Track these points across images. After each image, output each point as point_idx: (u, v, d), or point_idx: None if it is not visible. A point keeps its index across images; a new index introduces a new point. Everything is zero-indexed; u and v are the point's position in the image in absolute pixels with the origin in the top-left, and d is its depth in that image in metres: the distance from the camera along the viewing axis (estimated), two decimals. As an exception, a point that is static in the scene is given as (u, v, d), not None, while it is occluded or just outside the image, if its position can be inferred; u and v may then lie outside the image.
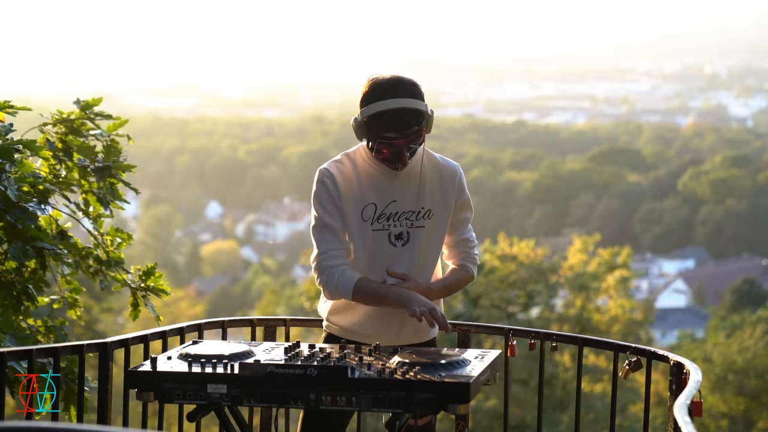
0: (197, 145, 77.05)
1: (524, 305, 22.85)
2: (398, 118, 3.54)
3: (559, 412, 20.89)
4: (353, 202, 3.66)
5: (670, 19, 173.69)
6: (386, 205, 3.67)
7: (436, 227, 3.71)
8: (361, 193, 3.67)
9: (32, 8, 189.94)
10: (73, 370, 4.15)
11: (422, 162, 3.70)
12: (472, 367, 3.23)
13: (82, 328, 18.21)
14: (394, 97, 3.54)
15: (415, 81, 3.64)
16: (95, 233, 4.51)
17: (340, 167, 3.70)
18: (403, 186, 3.68)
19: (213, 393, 3.16)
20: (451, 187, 3.73)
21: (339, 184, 3.66)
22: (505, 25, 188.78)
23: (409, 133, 3.55)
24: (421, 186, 3.69)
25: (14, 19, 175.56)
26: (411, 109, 3.55)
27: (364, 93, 3.59)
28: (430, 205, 3.70)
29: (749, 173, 61.29)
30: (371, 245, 3.66)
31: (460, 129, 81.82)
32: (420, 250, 3.68)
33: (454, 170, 3.75)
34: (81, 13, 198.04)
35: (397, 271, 3.66)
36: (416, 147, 3.61)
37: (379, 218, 3.67)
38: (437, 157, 3.77)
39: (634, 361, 3.93)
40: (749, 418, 22.74)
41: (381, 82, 3.58)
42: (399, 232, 3.67)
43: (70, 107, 4.50)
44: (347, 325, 3.75)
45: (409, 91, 3.57)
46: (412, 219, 3.68)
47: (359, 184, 3.67)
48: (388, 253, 3.67)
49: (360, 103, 3.60)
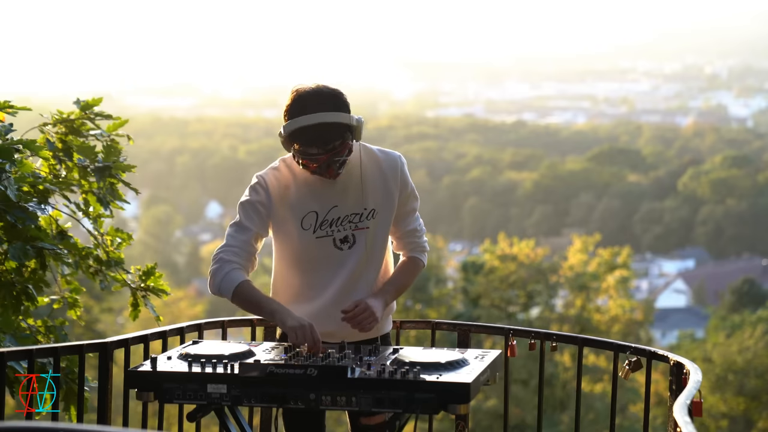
0: (197, 145, 77.06)
1: (524, 305, 22.87)
2: (319, 133, 3.45)
3: (559, 412, 20.89)
4: (290, 211, 3.62)
5: (670, 19, 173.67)
6: (327, 211, 3.62)
7: (381, 225, 3.66)
8: (300, 201, 3.61)
9: (32, 8, 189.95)
10: (73, 370, 4.15)
11: (361, 162, 3.63)
12: (472, 367, 3.23)
13: (82, 328, 18.21)
14: (314, 111, 3.44)
15: (338, 91, 3.53)
16: (95, 233, 4.51)
17: (277, 175, 3.64)
18: (344, 189, 3.62)
19: (213, 393, 3.16)
20: (393, 182, 3.66)
21: (272, 193, 3.61)
22: (505, 25, 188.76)
23: (332, 148, 3.48)
24: (363, 186, 3.63)
25: (14, 19, 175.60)
26: (332, 123, 3.45)
27: (287, 106, 3.51)
28: (373, 205, 3.64)
29: (749, 173, 61.30)
30: (316, 252, 3.63)
31: (460, 129, 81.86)
32: (366, 251, 3.64)
33: (395, 162, 3.67)
34: (81, 13, 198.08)
35: (343, 271, 3.62)
36: (342, 159, 3.52)
37: (321, 225, 3.62)
38: (376, 152, 3.69)
39: (634, 361, 3.93)
40: (749, 418, 22.75)
41: (302, 95, 3.49)
42: (344, 236, 3.63)
43: (70, 107, 4.50)
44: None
45: (330, 103, 3.47)
46: (355, 221, 3.63)
47: (297, 192, 3.62)
48: (335, 257, 3.63)
49: (284, 115, 3.52)
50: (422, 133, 76.43)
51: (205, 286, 52.72)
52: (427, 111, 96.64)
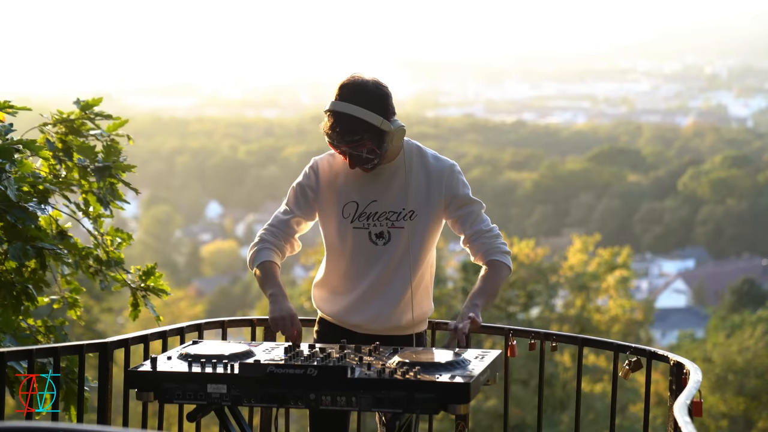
0: (197, 145, 77.05)
1: (524, 305, 22.84)
2: (337, 122, 3.49)
3: (559, 412, 20.88)
4: (335, 198, 3.68)
5: (670, 19, 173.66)
6: (367, 204, 3.67)
7: (418, 228, 3.67)
8: (345, 190, 3.67)
9: (32, 8, 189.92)
10: (73, 370, 4.15)
11: (404, 163, 3.65)
12: (472, 367, 3.22)
13: (82, 328, 18.20)
14: (342, 100, 3.50)
15: (382, 92, 3.55)
16: (95, 233, 4.51)
17: (330, 161, 3.72)
18: (387, 186, 3.66)
19: (213, 393, 3.16)
20: (437, 188, 3.67)
21: (322, 178, 3.69)
22: (505, 25, 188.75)
23: (350, 140, 3.50)
24: (406, 186, 3.65)
25: (14, 19, 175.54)
26: (349, 116, 3.48)
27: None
28: (413, 206, 3.66)
29: (749, 173, 61.30)
30: (351, 242, 3.67)
31: (460, 129, 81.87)
32: (399, 250, 3.66)
33: (442, 171, 3.68)
34: (81, 13, 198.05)
35: (376, 266, 3.65)
36: (360, 155, 3.54)
37: (359, 216, 3.66)
38: (429, 157, 3.71)
39: (634, 361, 3.93)
40: (749, 418, 22.74)
41: (344, 83, 3.55)
42: (379, 232, 3.66)
43: (70, 107, 4.50)
44: (330, 314, 3.79)
45: (361, 98, 3.49)
46: (392, 219, 3.66)
47: (345, 180, 3.68)
48: (369, 251, 3.67)
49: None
50: (422, 133, 76.36)
51: (204, 286, 52.85)
52: (427, 111, 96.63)
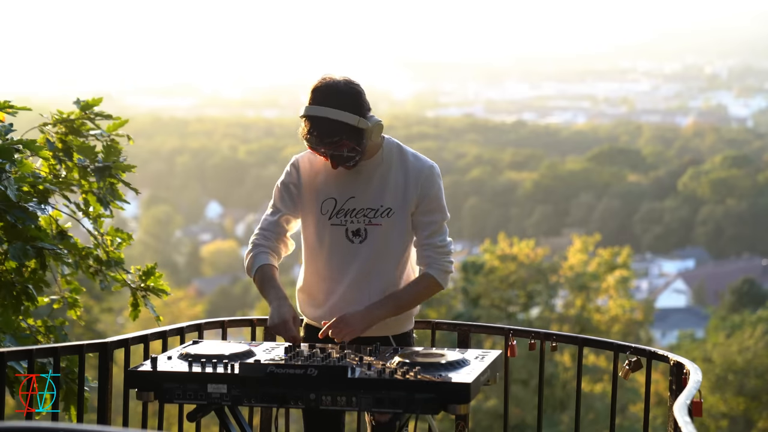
0: (197, 145, 77.05)
1: (524, 305, 22.84)
2: (314, 126, 3.50)
3: (559, 412, 20.88)
4: (315, 195, 3.69)
5: (670, 19, 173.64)
6: (345, 200, 3.66)
7: (397, 226, 3.66)
8: (324, 186, 3.68)
9: (32, 8, 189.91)
10: (73, 370, 4.15)
11: (382, 159, 3.66)
12: (472, 368, 3.22)
13: (82, 328, 18.20)
14: (317, 103, 3.51)
15: (354, 90, 3.55)
16: (95, 233, 4.51)
17: (311, 158, 3.73)
18: (365, 182, 3.65)
19: (213, 393, 3.16)
20: (413, 187, 3.65)
21: (303, 174, 3.71)
22: (505, 25, 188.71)
23: (329, 142, 3.50)
24: (384, 183, 3.65)
25: (14, 19, 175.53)
26: (326, 119, 3.48)
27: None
28: (390, 204, 3.65)
29: (749, 173, 61.30)
30: (329, 239, 3.67)
31: (460, 129, 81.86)
32: (376, 248, 3.65)
33: (420, 170, 3.67)
34: (81, 13, 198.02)
35: (353, 265, 3.64)
36: (342, 154, 3.55)
37: (337, 213, 3.66)
38: (409, 155, 3.71)
39: (634, 361, 3.93)
40: (749, 418, 22.74)
41: (317, 86, 3.56)
42: (356, 229, 3.66)
43: (70, 107, 4.50)
44: (314, 318, 3.76)
45: (334, 100, 3.50)
46: (369, 216, 3.65)
47: (325, 177, 3.69)
48: (346, 249, 3.66)
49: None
50: (422, 133, 76.41)
51: (204, 286, 52.84)
52: (427, 111, 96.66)
